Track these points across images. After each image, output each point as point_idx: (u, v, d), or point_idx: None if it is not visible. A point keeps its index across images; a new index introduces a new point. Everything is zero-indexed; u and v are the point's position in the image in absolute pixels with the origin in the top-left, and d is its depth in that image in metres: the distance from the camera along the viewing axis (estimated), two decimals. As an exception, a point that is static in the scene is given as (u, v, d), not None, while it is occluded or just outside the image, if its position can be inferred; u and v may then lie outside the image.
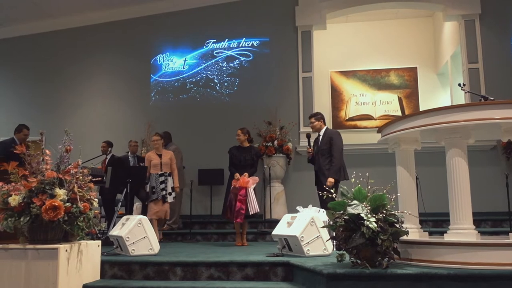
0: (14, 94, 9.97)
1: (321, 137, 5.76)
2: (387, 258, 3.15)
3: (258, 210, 5.89)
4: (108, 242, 5.03)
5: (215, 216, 8.02)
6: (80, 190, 3.59)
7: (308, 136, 5.92)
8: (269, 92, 8.80)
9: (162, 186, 6.44)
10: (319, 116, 5.89)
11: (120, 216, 5.33)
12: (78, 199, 3.51)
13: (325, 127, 5.85)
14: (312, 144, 5.86)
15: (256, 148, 6.44)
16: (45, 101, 9.71)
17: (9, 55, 10.15)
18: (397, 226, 3.18)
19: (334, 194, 3.45)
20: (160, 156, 6.61)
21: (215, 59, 9.21)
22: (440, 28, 9.47)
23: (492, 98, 3.82)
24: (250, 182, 5.86)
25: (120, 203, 6.33)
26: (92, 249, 3.80)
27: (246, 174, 5.95)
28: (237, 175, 5.94)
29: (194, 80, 9.24)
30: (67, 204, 3.43)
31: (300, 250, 4.16)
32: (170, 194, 6.51)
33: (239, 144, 6.26)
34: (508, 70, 8.17)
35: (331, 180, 5.38)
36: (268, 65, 8.94)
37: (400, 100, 9.62)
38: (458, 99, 8.41)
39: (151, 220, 6.40)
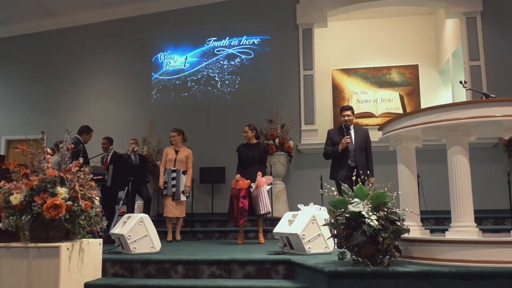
0: (15, 92, 9.98)
1: (353, 131, 5.59)
2: (388, 256, 3.15)
3: (270, 210, 5.87)
4: (109, 241, 5.04)
5: (217, 214, 8.02)
6: (82, 188, 3.60)
7: (347, 128, 5.68)
8: (270, 90, 8.79)
9: (173, 182, 6.43)
10: (353, 110, 5.77)
11: (122, 215, 5.34)
12: (80, 197, 3.52)
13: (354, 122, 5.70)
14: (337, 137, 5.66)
15: (263, 144, 6.40)
16: (46, 100, 9.72)
17: (10, 54, 10.16)
18: (398, 224, 3.18)
19: (335, 192, 3.44)
20: (177, 152, 6.60)
21: (216, 57, 9.20)
22: (441, 26, 9.45)
23: (493, 96, 3.81)
24: (264, 181, 5.83)
25: (121, 202, 6.33)
26: (93, 248, 3.81)
27: (260, 173, 5.90)
28: (237, 176, 5.93)
29: (195, 78, 9.23)
30: (68, 202, 3.43)
31: (302, 248, 4.16)
32: (183, 192, 6.46)
33: (247, 141, 6.24)
34: (510, 68, 8.14)
35: (373, 180, 5.10)
36: (269, 63, 8.93)
37: (401, 97, 9.61)
38: (460, 96, 8.40)
39: (167, 218, 6.43)
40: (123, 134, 8.60)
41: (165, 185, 6.42)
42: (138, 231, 4.48)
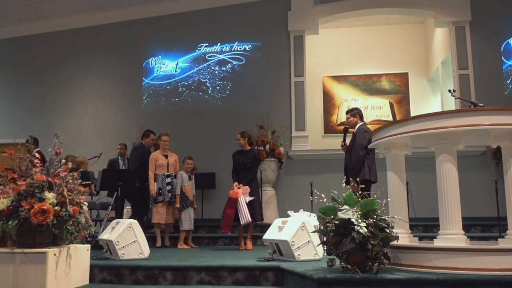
0: (3, 95, 9.88)
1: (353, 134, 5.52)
2: (377, 263, 3.16)
3: (250, 220, 5.82)
4: (98, 246, 5.00)
5: (206, 220, 7.99)
6: (70, 193, 3.56)
7: (345, 129, 5.66)
8: (261, 96, 8.81)
9: (169, 187, 6.39)
10: (355, 112, 5.57)
11: (110, 220, 5.29)
12: (68, 202, 3.48)
13: (360, 124, 5.51)
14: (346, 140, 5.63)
15: (255, 151, 6.39)
16: (36, 104, 9.64)
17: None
18: (388, 231, 3.19)
19: (325, 199, 3.43)
20: (166, 157, 6.57)
21: (207, 63, 9.21)
22: (431, 34, 9.56)
23: (481, 105, 3.85)
24: (240, 192, 5.85)
25: (110, 207, 6.28)
26: (81, 253, 3.77)
27: (241, 186, 5.92)
28: (234, 184, 5.95)
29: (186, 83, 9.22)
30: (56, 207, 3.39)
31: (291, 255, 4.15)
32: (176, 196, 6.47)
33: (241, 148, 6.26)
34: (498, 77, 8.26)
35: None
36: (260, 69, 8.95)
37: (391, 105, 9.68)
38: (449, 104, 8.48)
39: (156, 225, 6.35)
40: (113, 138, 8.55)
41: (160, 191, 6.36)
42: (126, 237, 4.45)
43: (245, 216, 5.76)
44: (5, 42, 10.06)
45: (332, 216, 3.25)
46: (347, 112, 5.69)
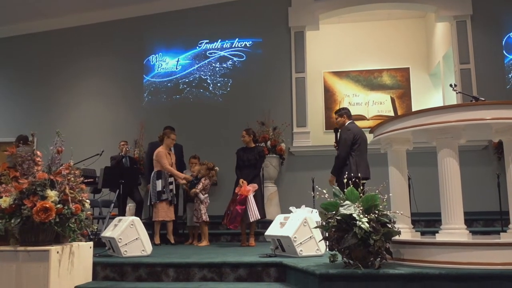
0: (4, 94, 9.88)
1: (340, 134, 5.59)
2: (379, 258, 3.16)
3: (259, 217, 5.87)
4: (100, 244, 5.01)
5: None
6: (72, 191, 3.57)
7: (335, 129, 5.75)
8: (262, 93, 8.79)
9: (171, 187, 6.39)
10: (342, 112, 5.68)
11: (113, 218, 5.30)
12: (70, 200, 3.49)
13: (348, 122, 5.59)
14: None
15: (260, 148, 6.38)
16: (37, 102, 9.64)
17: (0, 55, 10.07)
18: (389, 226, 3.19)
19: (327, 195, 3.43)
20: (169, 154, 6.55)
21: (208, 60, 9.19)
22: (432, 29, 9.53)
23: (483, 99, 3.84)
24: (251, 190, 5.85)
25: (112, 204, 6.29)
26: (84, 251, 3.78)
27: (245, 182, 5.91)
28: (241, 181, 5.93)
29: (187, 80, 9.22)
30: (58, 205, 3.40)
31: (293, 251, 4.16)
32: (175, 195, 6.52)
33: (245, 145, 6.25)
34: (499, 71, 8.23)
35: (330, 178, 5.19)
36: (261, 65, 8.94)
37: (392, 100, 9.66)
38: (450, 99, 8.46)
39: (158, 222, 6.32)
40: (114, 136, 8.56)
41: (163, 190, 6.32)
42: (129, 234, 4.45)
43: (255, 213, 5.79)
44: (5, 40, 10.05)
45: (334, 212, 3.26)
46: (335, 113, 5.79)
